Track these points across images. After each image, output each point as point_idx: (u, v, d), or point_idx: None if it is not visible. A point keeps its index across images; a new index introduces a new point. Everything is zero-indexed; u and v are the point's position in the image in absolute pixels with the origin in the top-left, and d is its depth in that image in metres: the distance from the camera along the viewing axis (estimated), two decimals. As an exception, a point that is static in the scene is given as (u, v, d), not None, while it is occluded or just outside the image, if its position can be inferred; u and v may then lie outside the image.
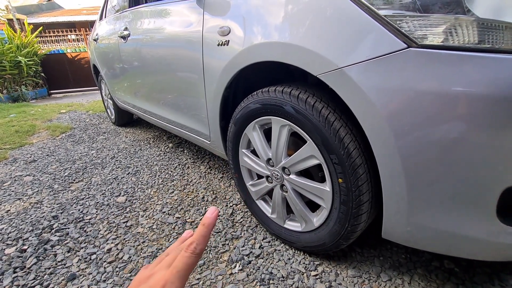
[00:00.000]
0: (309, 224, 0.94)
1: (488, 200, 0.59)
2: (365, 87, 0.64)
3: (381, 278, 0.90)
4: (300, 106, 0.81)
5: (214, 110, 1.19)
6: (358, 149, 0.74)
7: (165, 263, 0.26)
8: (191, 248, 0.26)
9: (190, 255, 0.26)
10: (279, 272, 0.94)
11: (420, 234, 0.70)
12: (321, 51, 0.71)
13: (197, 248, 0.26)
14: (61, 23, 11.74)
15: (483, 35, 0.54)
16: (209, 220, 0.28)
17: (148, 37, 1.63)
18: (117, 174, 1.80)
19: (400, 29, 0.59)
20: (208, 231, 0.28)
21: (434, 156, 0.60)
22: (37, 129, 3.09)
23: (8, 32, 6.01)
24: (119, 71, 2.24)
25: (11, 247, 1.15)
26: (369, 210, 0.79)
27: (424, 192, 0.65)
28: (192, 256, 0.26)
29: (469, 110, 0.55)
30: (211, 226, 0.28)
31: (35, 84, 6.55)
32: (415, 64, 0.58)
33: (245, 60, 0.95)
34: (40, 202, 1.51)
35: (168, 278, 0.24)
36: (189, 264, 0.25)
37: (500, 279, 0.87)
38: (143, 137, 2.58)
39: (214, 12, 1.10)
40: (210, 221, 0.28)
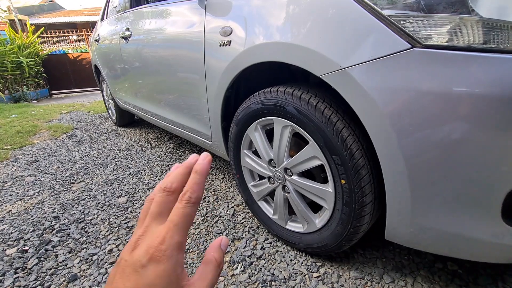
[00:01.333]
0: (311, 225, 0.93)
1: (493, 201, 0.59)
2: (368, 88, 0.64)
3: (384, 279, 0.89)
4: (302, 106, 0.81)
5: (215, 110, 1.18)
6: (361, 150, 0.74)
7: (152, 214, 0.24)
8: (186, 198, 0.24)
9: (185, 205, 0.23)
10: (281, 274, 0.94)
11: (423, 235, 0.70)
12: (323, 51, 0.71)
13: (192, 197, 0.24)
14: (62, 24, 11.76)
15: (488, 35, 0.53)
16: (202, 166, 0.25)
17: (150, 38, 1.63)
18: (118, 175, 1.80)
19: (404, 29, 0.59)
20: (202, 178, 0.25)
21: (438, 157, 0.60)
22: (39, 129, 3.09)
23: (10, 33, 6.03)
24: (120, 71, 2.24)
25: (12, 248, 1.15)
26: (372, 211, 0.78)
27: (427, 193, 0.65)
28: (187, 206, 0.23)
29: (474, 111, 0.55)
30: (204, 172, 0.25)
31: (36, 85, 6.57)
32: (419, 64, 0.57)
33: (247, 60, 0.95)
34: (41, 202, 1.51)
35: (166, 233, 0.22)
36: (185, 215, 0.23)
37: (504, 281, 0.86)
38: (144, 137, 2.58)
39: (216, 13, 1.10)
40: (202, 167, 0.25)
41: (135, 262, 0.21)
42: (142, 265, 0.21)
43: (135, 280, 0.20)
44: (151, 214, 0.24)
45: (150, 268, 0.21)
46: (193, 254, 1.06)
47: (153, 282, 0.20)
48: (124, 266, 0.21)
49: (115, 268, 0.22)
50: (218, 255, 0.26)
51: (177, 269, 0.22)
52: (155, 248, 0.21)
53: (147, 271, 0.21)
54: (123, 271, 0.21)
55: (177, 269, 0.22)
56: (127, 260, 0.22)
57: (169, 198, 0.24)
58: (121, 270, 0.21)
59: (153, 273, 0.21)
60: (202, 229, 1.20)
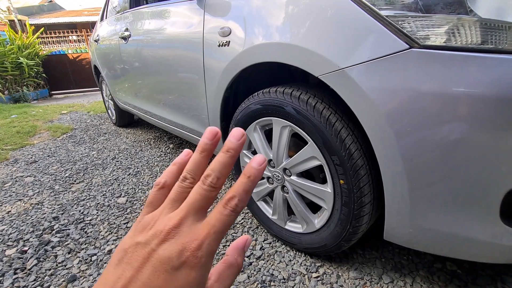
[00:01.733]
0: (310, 225, 0.93)
1: (491, 202, 0.59)
2: (366, 88, 0.64)
3: (383, 280, 0.89)
4: (301, 107, 0.81)
5: (214, 111, 1.18)
6: (359, 150, 0.74)
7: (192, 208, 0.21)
8: (233, 205, 0.21)
9: (230, 213, 0.21)
10: (280, 274, 0.94)
11: (422, 235, 0.70)
12: (322, 52, 0.71)
13: (239, 206, 0.21)
14: (62, 24, 11.77)
15: (486, 36, 0.53)
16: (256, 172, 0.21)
17: (149, 38, 1.63)
18: (118, 175, 1.80)
19: (402, 30, 0.59)
20: (253, 185, 0.21)
21: (436, 157, 0.60)
22: (38, 130, 3.09)
23: (10, 33, 6.03)
24: (120, 71, 2.24)
25: (11, 248, 1.15)
26: (370, 211, 0.79)
27: (426, 194, 0.65)
28: (232, 214, 0.21)
29: (472, 111, 0.55)
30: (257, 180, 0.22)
31: (36, 85, 6.57)
32: (418, 64, 0.57)
33: (246, 60, 0.95)
34: (41, 203, 1.51)
35: (205, 238, 0.20)
36: (227, 225, 0.21)
37: (503, 281, 0.86)
38: (144, 137, 2.58)
39: (214, 13, 1.10)
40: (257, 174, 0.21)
41: (167, 261, 0.19)
42: (174, 267, 0.19)
43: (163, 281, 0.19)
44: (191, 207, 0.21)
45: (182, 272, 0.19)
46: (192, 254, 1.06)
47: (182, 287, 0.19)
48: (152, 257, 0.19)
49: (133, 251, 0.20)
50: (241, 259, 0.24)
51: (206, 276, 0.21)
52: (191, 252, 0.19)
53: (177, 274, 0.19)
54: (151, 262, 0.19)
55: (206, 276, 0.21)
56: (156, 251, 0.19)
57: (212, 194, 0.22)
58: (146, 258, 0.19)
59: (184, 279, 0.19)
60: (202, 229, 1.20)
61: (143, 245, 0.20)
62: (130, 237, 0.21)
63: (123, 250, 0.21)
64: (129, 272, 0.19)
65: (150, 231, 0.21)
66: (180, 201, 0.22)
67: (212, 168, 0.22)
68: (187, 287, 0.19)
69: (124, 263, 0.20)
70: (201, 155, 0.23)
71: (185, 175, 0.23)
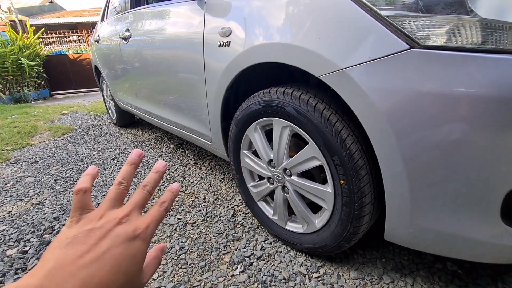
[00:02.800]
0: (310, 225, 0.93)
1: (492, 202, 0.59)
2: (367, 88, 0.64)
3: (384, 280, 0.89)
4: (301, 107, 0.81)
5: (215, 111, 1.18)
6: (360, 151, 0.74)
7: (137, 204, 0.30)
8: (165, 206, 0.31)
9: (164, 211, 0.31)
10: (280, 274, 0.94)
11: (423, 236, 0.70)
12: (322, 52, 0.71)
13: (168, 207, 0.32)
14: (62, 25, 11.78)
15: (487, 36, 0.53)
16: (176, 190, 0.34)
17: (150, 38, 1.63)
18: (119, 175, 1.80)
19: (402, 30, 0.59)
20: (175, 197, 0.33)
21: (437, 157, 0.60)
22: (39, 130, 3.09)
23: (11, 34, 6.04)
24: (120, 72, 2.24)
25: (12, 248, 1.15)
26: (371, 211, 0.79)
27: (427, 194, 0.65)
28: (164, 211, 0.31)
29: (473, 111, 0.55)
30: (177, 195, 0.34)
31: (37, 85, 6.58)
32: (418, 65, 0.57)
33: (246, 61, 0.95)
34: (42, 203, 1.51)
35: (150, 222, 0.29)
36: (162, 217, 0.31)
37: (503, 281, 0.86)
38: (145, 138, 2.58)
39: (215, 13, 1.10)
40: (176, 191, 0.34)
41: (124, 235, 0.26)
42: (130, 239, 0.27)
43: (123, 248, 0.26)
44: (136, 203, 0.30)
45: (135, 243, 0.27)
46: (192, 254, 1.06)
47: (136, 254, 0.26)
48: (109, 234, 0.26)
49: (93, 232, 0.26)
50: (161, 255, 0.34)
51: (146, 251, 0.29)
52: (142, 230, 0.28)
53: (133, 244, 0.27)
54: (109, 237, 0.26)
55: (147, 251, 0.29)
56: (112, 230, 0.26)
57: (148, 197, 0.31)
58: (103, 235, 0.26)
59: (137, 247, 0.27)
60: (202, 229, 1.20)
61: (98, 229, 0.26)
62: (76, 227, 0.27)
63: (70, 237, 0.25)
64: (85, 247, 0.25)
65: (101, 220, 0.27)
66: (119, 201, 0.30)
67: (149, 181, 0.32)
68: (139, 254, 0.27)
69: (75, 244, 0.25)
70: (131, 167, 0.32)
71: (120, 181, 0.31)
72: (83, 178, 0.31)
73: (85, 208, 0.29)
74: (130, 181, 0.32)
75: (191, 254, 1.07)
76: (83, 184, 0.30)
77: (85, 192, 0.30)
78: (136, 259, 0.26)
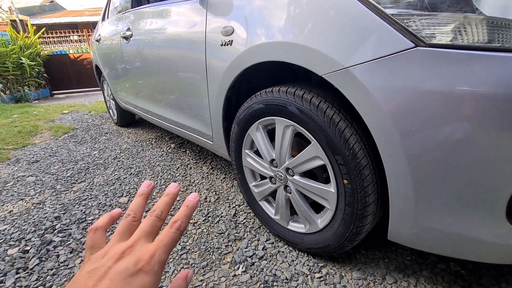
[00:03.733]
0: (313, 225, 0.93)
1: (497, 202, 0.58)
2: (371, 87, 0.64)
3: (387, 280, 0.89)
4: (304, 106, 0.80)
5: (217, 110, 1.18)
6: (363, 150, 0.73)
7: (143, 232, 0.27)
8: (177, 225, 0.27)
9: (175, 231, 0.27)
10: (282, 274, 0.94)
11: (427, 236, 0.69)
12: (326, 51, 0.71)
13: (181, 226, 0.27)
14: (63, 24, 11.78)
15: (493, 34, 0.53)
16: (192, 203, 0.30)
17: (151, 38, 1.63)
18: (120, 175, 1.79)
19: (407, 28, 0.58)
20: (191, 212, 0.29)
21: (441, 157, 0.60)
22: (40, 129, 3.09)
23: (11, 33, 6.05)
24: (121, 71, 2.24)
25: (13, 248, 1.15)
26: (374, 211, 0.78)
27: (430, 194, 0.64)
28: (177, 232, 0.27)
29: (478, 110, 0.54)
30: (194, 208, 0.30)
31: (37, 85, 6.59)
32: (423, 63, 0.57)
33: (249, 60, 0.94)
34: (43, 202, 1.51)
35: (156, 250, 0.25)
36: (174, 240, 0.27)
37: (507, 282, 0.86)
38: (145, 137, 2.58)
39: (217, 12, 1.10)
40: (193, 204, 0.30)
41: (124, 271, 0.23)
42: (131, 274, 0.23)
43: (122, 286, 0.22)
44: (142, 232, 0.27)
45: (138, 278, 0.23)
46: (194, 254, 1.06)
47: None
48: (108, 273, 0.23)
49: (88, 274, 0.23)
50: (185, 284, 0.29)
51: (157, 284, 0.24)
52: (145, 261, 0.24)
53: (135, 280, 0.23)
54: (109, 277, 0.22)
55: (157, 284, 0.24)
56: (112, 267, 0.23)
57: (159, 223, 0.28)
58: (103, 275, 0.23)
59: (141, 283, 0.23)
60: (204, 229, 1.19)
61: (98, 269, 0.23)
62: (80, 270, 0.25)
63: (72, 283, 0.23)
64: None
65: (105, 257, 0.25)
66: (127, 233, 0.28)
67: (158, 206, 0.29)
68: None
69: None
70: (140, 198, 0.31)
71: (129, 213, 0.29)
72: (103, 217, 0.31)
73: (95, 247, 0.27)
74: (140, 212, 0.30)
75: (193, 254, 1.06)
76: (98, 223, 0.29)
77: (96, 231, 0.28)
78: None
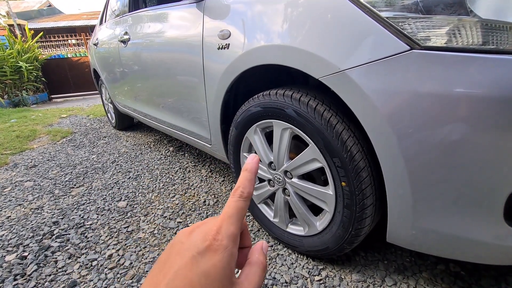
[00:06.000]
0: (312, 228, 0.93)
1: (495, 203, 0.58)
2: (367, 90, 0.64)
3: (386, 282, 0.89)
4: (301, 109, 0.81)
5: (215, 113, 1.18)
6: (361, 152, 0.73)
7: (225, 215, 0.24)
8: (238, 193, 0.25)
9: (238, 199, 0.24)
10: (282, 277, 0.93)
11: (425, 237, 0.69)
12: (322, 54, 0.71)
13: (244, 192, 0.25)
14: (61, 28, 11.80)
15: (487, 36, 0.53)
16: (251, 165, 0.27)
17: (148, 41, 1.63)
18: (118, 179, 1.79)
19: (402, 31, 0.58)
20: (252, 175, 0.26)
21: (439, 158, 0.60)
22: (38, 134, 3.08)
23: (9, 38, 6.04)
24: (119, 75, 2.24)
25: (11, 254, 1.14)
26: (373, 213, 0.78)
27: (429, 195, 0.64)
28: (240, 200, 0.24)
29: (474, 112, 0.54)
30: (254, 170, 0.27)
31: (35, 89, 6.58)
32: (418, 66, 0.57)
33: (246, 63, 0.94)
34: (41, 207, 1.50)
35: (221, 224, 0.23)
36: (239, 209, 0.24)
37: (507, 282, 0.86)
38: (144, 141, 2.57)
39: (214, 16, 1.10)
40: (252, 166, 0.27)
41: (193, 247, 0.21)
42: (199, 251, 0.21)
43: (191, 264, 0.20)
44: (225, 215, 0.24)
45: (206, 256, 0.21)
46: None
47: (209, 271, 0.20)
48: (181, 249, 0.22)
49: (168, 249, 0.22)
50: (263, 257, 0.26)
51: (231, 262, 0.22)
52: (212, 236, 0.22)
53: (203, 258, 0.21)
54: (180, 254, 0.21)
55: (231, 262, 0.22)
56: (184, 243, 0.22)
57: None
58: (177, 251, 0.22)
59: (209, 262, 0.21)
60: (203, 233, 1.19)
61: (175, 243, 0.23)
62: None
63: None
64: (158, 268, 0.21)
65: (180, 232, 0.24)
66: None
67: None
68: (213, 269, 0.20)
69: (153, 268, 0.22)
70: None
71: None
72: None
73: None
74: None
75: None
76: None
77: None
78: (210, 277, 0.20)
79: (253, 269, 0.25)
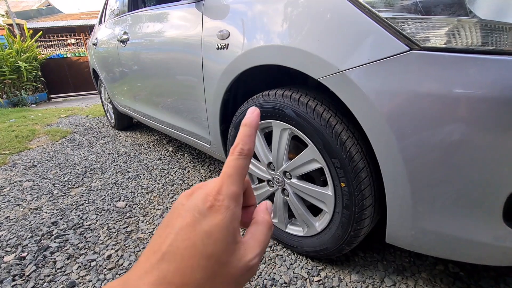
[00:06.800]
0: (311, 228, 0.93)
1: (494, 204, 0.58)
2: (366, 90, 0.64)
3: (385, 283, 0.89)
4: (301, 109, 0.81)
5: (214, 113, 1.18)
6: (360, 153, 0.73)
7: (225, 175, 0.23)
8: (238, 150, 0.23)
9: (238, 157, 0.23)
10: (281, 278, 0.93)
11: (424, 238, 0.69)
12: (322, 54, 0.71)
13: (244, 149, 0.24)
14: (60, 28, 11.78)
15: (486, 37, 0.53)
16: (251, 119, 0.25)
17: (148, 41, 1.63)
18: (117, 179, 1.79)
19: (402, 32, 0.58)
20: (252, 129, 0.24)
21: (438, 159, 0.60)
22: (37, 134, 3.08)
23: (8, 37, 6.03)
24: (118, 75, 2.24)
25: (10, 254, 1.14)
26: (372, 214, 0.78)
27: (428, 196, 0.64)
28: (239, 157, 0.23)
29: (473, 113, 0.54)
30: (254, 124, 0.25)
31: (35, 89, 6.56)
32: (418, 66, 0.57)
33: (245, 63, 0.94)
34: (40, 208, 1.50)
35: (222, 183, 0.22)
36: (238, 167, 0.23)
37: (506, 283, 0.86)
38: (143, 141, 2.57)
39: (213, 16, 1.10)
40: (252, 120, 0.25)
41: (193, 208, 0.21)
42: (200, 212, 0.21)
43: (193, 225, 0.20)
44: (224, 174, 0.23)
45: (208, 217, 0.20)
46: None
47: (211, 230, 0.20)
48: (181, 210, 0.21)
49: (170, 213, 0.22)
50: (268, 216, 0.26)
51: (234, 221, 0.21)
52: (213, 196, 0.21)
53: (205, 218, 0.20)
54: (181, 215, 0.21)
55: (234, 222, 0.21)
56: (185, 205, 0.21)
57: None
58: (178, 213, 0.21)
59: (211, 221, 0.20)
60: (202, 233, 1.19)
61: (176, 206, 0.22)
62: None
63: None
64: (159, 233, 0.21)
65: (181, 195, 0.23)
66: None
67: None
68: (215, 229, 0.20)
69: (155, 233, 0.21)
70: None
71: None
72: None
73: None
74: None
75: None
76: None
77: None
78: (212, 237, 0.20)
79: (260, 228, 0.24)
